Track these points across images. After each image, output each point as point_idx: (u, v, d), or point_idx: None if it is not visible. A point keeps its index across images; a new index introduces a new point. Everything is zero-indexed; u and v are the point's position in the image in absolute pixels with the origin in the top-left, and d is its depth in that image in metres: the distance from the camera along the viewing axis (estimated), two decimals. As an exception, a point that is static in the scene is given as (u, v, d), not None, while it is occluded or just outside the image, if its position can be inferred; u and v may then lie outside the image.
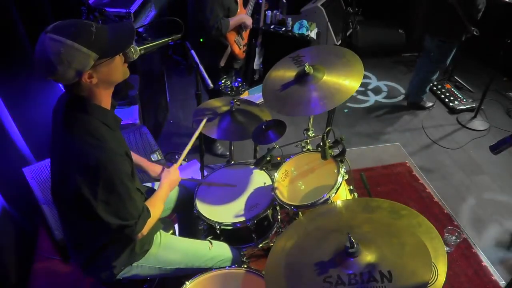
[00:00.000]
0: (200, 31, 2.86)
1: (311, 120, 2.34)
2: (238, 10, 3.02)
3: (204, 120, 2.17)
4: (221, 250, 1.87)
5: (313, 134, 2.31)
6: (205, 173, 2.67)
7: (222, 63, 3.04)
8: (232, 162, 2.54)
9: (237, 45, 3.07)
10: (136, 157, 1.89)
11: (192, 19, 2.88)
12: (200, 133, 2.25)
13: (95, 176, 1.33)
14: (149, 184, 2.00)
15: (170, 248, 1.77)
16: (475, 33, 3.41)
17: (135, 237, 1.53)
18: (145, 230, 1.54)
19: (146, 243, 1.68)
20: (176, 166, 1.89)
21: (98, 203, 1.35)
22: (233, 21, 2.92)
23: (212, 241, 1.88)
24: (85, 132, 1.36)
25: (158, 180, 1.83)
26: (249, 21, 3.08)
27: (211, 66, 2.92)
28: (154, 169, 1.94)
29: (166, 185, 1.76)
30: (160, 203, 1.68)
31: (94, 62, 1.29)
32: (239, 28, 3.06)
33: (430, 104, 4.19)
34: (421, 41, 3.95)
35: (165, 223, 1.91)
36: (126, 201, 1.41)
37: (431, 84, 4.09)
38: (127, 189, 1.40)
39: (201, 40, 2.86)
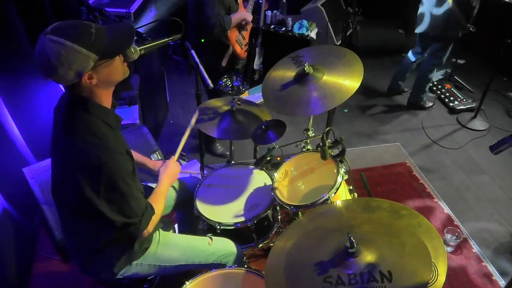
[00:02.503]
0: (201, 31, 2.85)
1: (311, 120, 2.34)
2: (239, 10, 3.02)
3: (196, 115, 2.12)
4: (222, 245, 1.86)
5: (313, 134, 2.31)
6: (205, 173, 2.67)
7: (224, 63, 3.04)
8: (232, 162, 2.54)
9: (239, 44, 3.06)
10: (137, 156, 1.89)
11: (193, 19, 2.88)
12: (201, 133, 2.25)
13: (97, 175, 1.33)
14: (148, 183, 2.00)
15: (169, 245, 1.77)
16: (471, 29, 3.43)
17: (141, 234, 1.53)
18: (151, 227, 1.54)
19: (145, 241, 1.68)
20: (174, 158, 1.87)
21: (101, 201, 1.36)
22: (235, 18, 2.91)
23: (213, 236, 1.87)
24: (87, 131, 1.37)
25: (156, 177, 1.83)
26: (250, 17, 3.08)
27: (213, 66, 2.91)
28: (156, 164, 1.94)
29: (166, 180, 1.75)
30: (162, 199, 1.67)
31: (94, 63, 1.29)
32: (239, 27, 3.05)
33: (430, 104, 4.19)
34: (417, 40, 3.97)
35: (164, 223, 1.91)
36: (129, 199, 1.42)
37: (430, 83, 4.09)
38: (129, 187, 1.41)
39: (203, 40, 2.85)
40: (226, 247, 1.86)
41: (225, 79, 2.56)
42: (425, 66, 3.91)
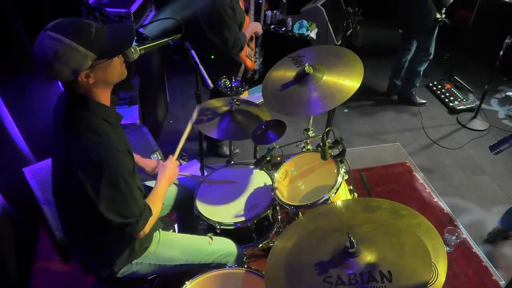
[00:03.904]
0: (214, 50, 2.79)
1: (311, 120, 2.35)
2: (245, 20, 3.01)
3: (196, 112, 2.08)
4: (222, 245, 1.86)
5: (313, 134, 2.32)
6: (205, 173, 2.67)
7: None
8: (232, 162, 2.54)
9: (249, 58, 3.05)
10: (136, 158, 1.89)
11: (205, 37, 2.76)
12: (201, 134, 2.24)
13: (97, 173, 1.33)
14: (147, 183, 2.00)
15: (170, 245, 1.77)
16: (446, 21, 3.55)
17: (137, 235, 1.53)
18: (147, 228, 1.54)
19: (146, 241, 1.68)
20: (173, 158, 1.86)
21: (101, 201, 1.35)
22: (247, 33, 2.90)
23: (213, 236, 1.88)
24: (87, 129, 1.36)
25: (155, 176, 1.83)
26: (259, 28, 3.07)
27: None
28: (149, 164, 1.94)
29: (164, 181, 1.74)
30: (159, 200, 1.67)
31: (92, 62, 1.29)
32: (248, 40, 3.04)
33: (422, 101, 4.20)
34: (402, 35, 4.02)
35: (165, 223, 1.91)
36: (128, 198, 1.42)
37: (420, 78, 4.10)
38: (129, 186, 1.41)
39: (212, 56, 2.82)
40: (226, 247, 1.86)
41: (223, 80, 2.56)
42: (415, 61, 3.96)
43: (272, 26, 4.32)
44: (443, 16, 3.54)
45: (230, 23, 2.69)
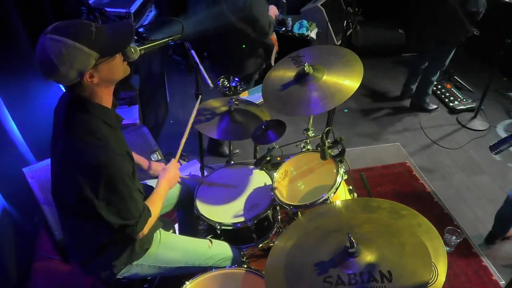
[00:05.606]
0: (241, 39, 2.78)
1: (311, 120, 2.35)
2: None
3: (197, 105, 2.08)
4: (221, 249, 1.88)
5: (313, 134, 2.32)
6: (205, 173, 2.67)
7: (273, 62, 3.04)
8: (232, 162, 2.54)
9: (274, 38, 3.07)
10: (135, 157, 1.89)
11: (231, 32, 2.74)
12: (201, 133, 2.24)
13: (96, 176, 1.33)
14: (147, 182, 2.00)
15: (170, 247, 1.77)
16: (475, 33, 3.42)
17: (136, 236, 1.53)
18: (146, 229, 1.55)
19: (146, 242, 1.68)
20: (174, 162, 1.87)
21: (100, 203, 1.36)
22: (272, 14, 2.93)
23: (212, 240, 1.88)
24: (86, 132, 1.36)
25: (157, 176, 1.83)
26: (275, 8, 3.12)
27: (266, 69, 2.85)
28: (155, 168, 1.94)
29: (165, 183, 1.75)
30: (159, 202, 1.68)
31: (95, 61, 1.29)
32: None
33: (434, 106, 4.17)
34: (420, 43, 3.95)
35: (165, 223, 1.91)
36: (128, 200, 1.42)
37: (433, 86, 4.07)
38: (128, 188, 1.41)
39: (244, 46, 2.82)
40: (225, 250, 1.88)
41: (222, 79, 2.56)
42: (429, 70, 3.89)
43: (272, 26, 4.32)
44: (473, 28, 3.42)
45: (263, 8, 2.71)
